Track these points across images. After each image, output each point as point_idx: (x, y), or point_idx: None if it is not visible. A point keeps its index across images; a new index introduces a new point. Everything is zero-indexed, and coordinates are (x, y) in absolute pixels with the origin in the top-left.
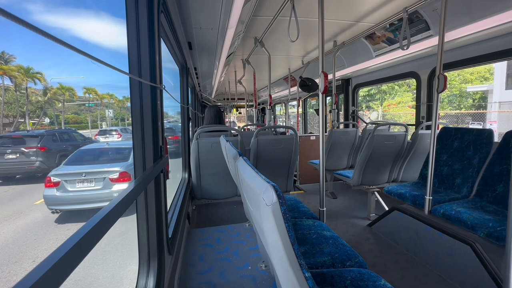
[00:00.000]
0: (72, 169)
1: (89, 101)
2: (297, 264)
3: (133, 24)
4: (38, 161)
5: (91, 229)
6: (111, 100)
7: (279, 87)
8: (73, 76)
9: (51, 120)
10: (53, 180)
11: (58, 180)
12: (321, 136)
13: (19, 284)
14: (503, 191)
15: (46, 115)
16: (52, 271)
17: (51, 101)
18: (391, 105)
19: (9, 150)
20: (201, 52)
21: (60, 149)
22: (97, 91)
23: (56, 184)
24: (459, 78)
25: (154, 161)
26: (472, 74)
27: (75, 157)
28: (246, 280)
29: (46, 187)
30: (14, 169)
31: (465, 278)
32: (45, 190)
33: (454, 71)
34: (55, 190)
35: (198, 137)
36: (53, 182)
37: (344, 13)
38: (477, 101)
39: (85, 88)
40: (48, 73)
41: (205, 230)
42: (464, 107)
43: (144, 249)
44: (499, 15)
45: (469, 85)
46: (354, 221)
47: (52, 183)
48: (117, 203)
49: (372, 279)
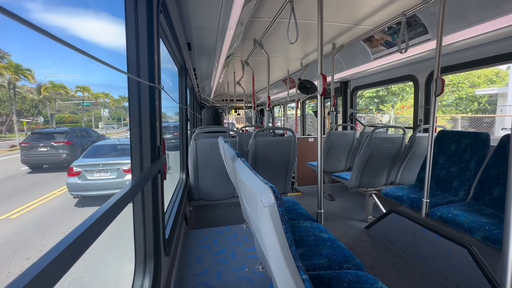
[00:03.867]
0: (90, 161)
1: (83, 100)
2: (295, 266)
3: (132, 24)
4: (64, 153)
5: (86, 229)
6: (106, 99)
7: (278, 89)
8: (69, 74)
9: (45, 119)
10: (75, 170)
11: (80, 170)
12: (320, 138)
13: (13, 283)
14: (500, 194)
15: (41, 114)
16: (46, 271)
17: (43, 99)
18: (404, 107)
19: (41, 144)
20: (200, 53)
21: (81, 144)
22: (91, 90)
23: (77, 174)
24: (468, 81)
25: (152, 161)
26: (479, 78)
27: (91, 151)
28: (243, 282)
29: (68, 176)
30: (45, 159)
31: (461, 280)
32: (68, 179)
33: (460, 74)
34: (76, 178)
35: (196, 138)
36: (75, 171)
37: (343, 16)
38: (483, 105)
39: (78, 87)
40: (46, 72)
41: (203, 231)
42: (470, 110)
43: (141, 250)
44: (496, 20)
45: (477, 89)
46: (352, 223)
47: (74, 173)
48: (114, 203)
49: (369, 282)
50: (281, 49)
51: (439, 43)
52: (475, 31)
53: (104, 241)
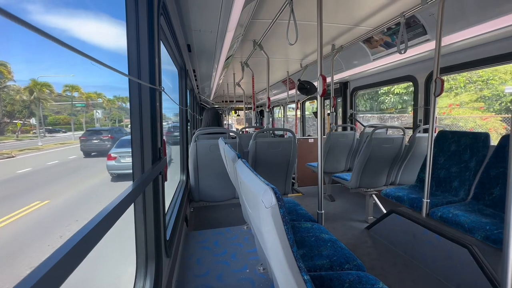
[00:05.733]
0: (122, 150)
1: (72, 100)
2: (296, 267)
3: (133, 26)
4: (109, 144)
5: (89, 231)
6: (98, 99)
7: (278, 90)
8: (59, 74)
9: (33, 118)
10: (113, 155)
11: (116, 155)
12: (320, 139)
13: (18, 285)
14: (500, 194)
15: (34, 115)
16: (50, 273)
17: (35, 99)
18: (452, 106)
19: (94, 137)
20: (200, 54)
21: (117, 138)
22: (81, 89)
23: (114, 158)
24: (499, 78)
25: (153, 163)
26: (506, 74)
27: (120, 143)
28: (244, 283)
29: (108, 160)
30: (95, 149)
31: (462, 281)
32: (107, 162)
33: (488, 69)
34: (114, 162)
35: (197, 139)
36: (113, 157)
37: (342, 17)
38: (508, 104)
39: (67, 86)
40: (43, 72)
41: (203, 232)
42: (494, 110)
43: (142, 252)
44: (495, 20)
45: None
46: (352, 224)
47: (112, 158)
48: (116, 206)
49: (370, 282)
50: (280, 50)
51: (438, 44)
52: (474, 32)
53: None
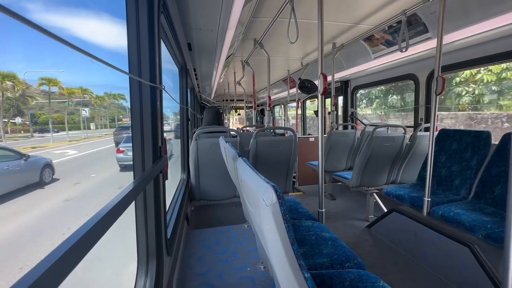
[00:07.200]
0: (128, 144)
1: (49, 97)
2: (297, 265)
3: (133, 24)
4: None
5: (89, 229)
6: (84, 95)
7: (278, 89)
8: (48, 70)
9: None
10: (121, 149)
11: (124, 149)
12: (320, 137)
13: (16, 284)
14: (501, 193)
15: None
16: (49, 272)
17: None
18: None
19: (124, 132)
20: (200, 53)
21: None
22: (60, 83)
23: (122, 151)
24: None
25: (153, 161)
26: None
27: (127, 139)
28: (245, 282)
29: (117, 153)
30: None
31: (463, 279)
32: (117, 155)
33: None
34: (122, 154)
35: (197, 138)
36: (121, 150)
37: (343, 15)
38: None
39: (43, 79)
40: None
41: (204, 231)
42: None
43: (143, 250)
44: (497, 18)
45: None
46: (353, 222)
47: (121, 151)
48: (116, 204)
49: (371, 281)
50: (281, 49)
51: (440, 42)
52: (475, 29)
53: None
